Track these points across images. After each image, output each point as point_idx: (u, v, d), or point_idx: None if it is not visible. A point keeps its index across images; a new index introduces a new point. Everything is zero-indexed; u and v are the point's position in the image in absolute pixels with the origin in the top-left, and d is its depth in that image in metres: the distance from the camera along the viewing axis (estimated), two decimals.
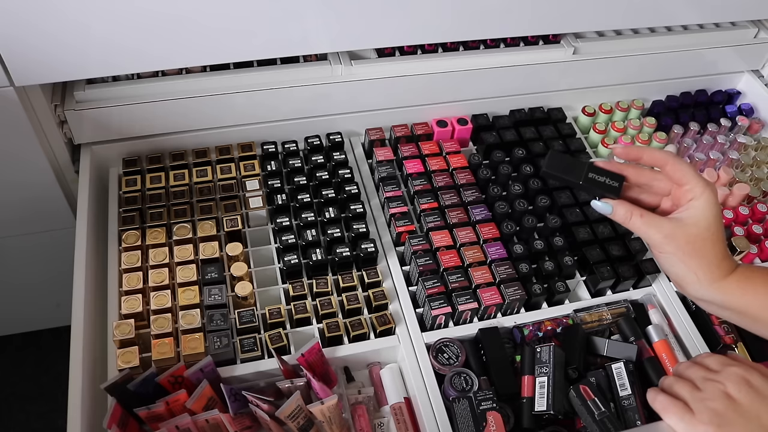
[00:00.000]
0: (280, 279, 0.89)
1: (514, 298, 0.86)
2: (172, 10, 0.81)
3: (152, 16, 0.81)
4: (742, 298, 0.69)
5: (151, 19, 0.81)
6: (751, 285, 0.69)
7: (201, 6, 0.82)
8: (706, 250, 0.68)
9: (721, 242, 0.69)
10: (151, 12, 0.80)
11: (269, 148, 1.01)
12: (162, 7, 0.80)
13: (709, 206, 0.68)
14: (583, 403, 0.76)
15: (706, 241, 0.68)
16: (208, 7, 0.82)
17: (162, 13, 0.81)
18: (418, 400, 0.79)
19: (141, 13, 0.80)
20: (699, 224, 0.68)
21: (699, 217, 0.68)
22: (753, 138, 1.16)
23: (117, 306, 0.82)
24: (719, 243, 0.69)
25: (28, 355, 1.50)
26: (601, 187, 0.71)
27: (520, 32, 1.03)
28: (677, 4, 1.05)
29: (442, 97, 1.07)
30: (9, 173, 0.95)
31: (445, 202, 0.96)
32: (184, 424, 0.72)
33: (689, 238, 0.68)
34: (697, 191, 0.68)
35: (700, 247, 0.68)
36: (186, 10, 0.82)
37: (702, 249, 0.68)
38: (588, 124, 1.15)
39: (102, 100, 0.92)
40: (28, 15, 0.76)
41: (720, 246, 0.69)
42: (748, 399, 0.63)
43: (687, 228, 0.68)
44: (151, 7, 0.80)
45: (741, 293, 0.69)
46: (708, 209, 0.68)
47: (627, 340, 0.86)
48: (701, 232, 0.68)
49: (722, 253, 0.69)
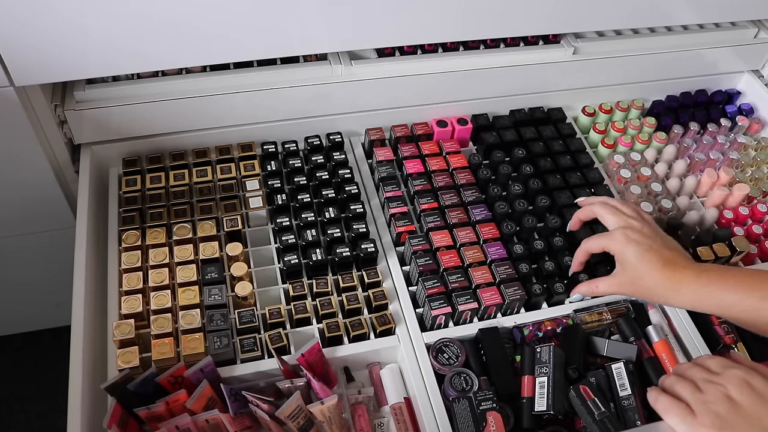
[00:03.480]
0: (280, 279, 0.89)
1: (514, 298, 0.86)
2: (172, 11, 0.81)
3: (152, 16, 0.81)
4: (701, 303, 0.76)
5: (151, 19, 0.81)
6: (705, 291, 0.75)
7: (201, 6, 0.82)
8: (649, 283, 0.77)
9: (656, 270, 0.76)
10: (151, 12, 0.80)
11: (269, 148, 1.01)
12: (162, 7, 0.80)
13: (624, 252, 0.78)
14: (583, 403, 0.76)
15: (642, 278, 0.78)
16: (207, 7, 0.82)
17: (162, 13, 0.81)
18: (418, 400, 0.79)
19: (141, 13, 0.80)
20: (628, 268, 0.79)
21: (624, 264, 0.79)
22: (753, 138, 1.16)
23: (117, 306, 0.82)
24: (654, 272, 0.76)
25: (28, 355, 1.50)
26: None
27: (520, 32, 1.03)
28: (677, 4, 1.05)
29: (442, 97, 1.07)
30: (9, 173, 0.95)
31: (445, 202, 0.96)
32: (184, 424, 0.72)
33: (632, 282, 0.79)
34: (611, 248, 0.81)
35: (644, 284, 0.78)
36: (186, 10, 0.82)
37: (645, 284, 0.78)
38: (588, 124, 1.15)
39: (102, 100, 0.92)
40: (28, 15, 0.76)
41: (656, 273, 0.76)
42: (749, 402, 0.63)
43: (624, 277, 0.79)
44: (151, 7, 0.80)
45: (698, 300, 0.76)
46: (625, 255, 0.79)
47: (627, 340, 0.86)
48: (634, 273, 0.78)
49: (664, 277, 0.76)
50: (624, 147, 1.11)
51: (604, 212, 0.84)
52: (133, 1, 0.79)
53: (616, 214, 0.83)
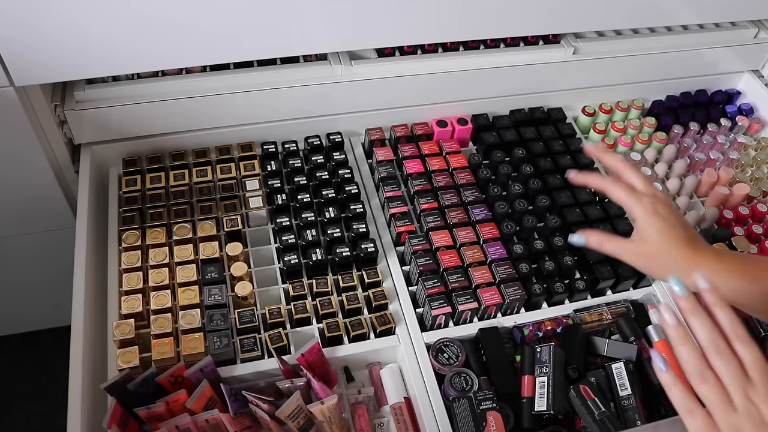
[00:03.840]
0: (280, 279, 0.89)
1: (514, 298, 0.86)
2: (172, 11, 0.81)
3: (152, 17, 0.81)
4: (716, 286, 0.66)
5: (150, 19, 0.81)
6: (722, 275, 0.68)
7: (201, 6, 0.82)
8: (668, 260, 0.71)
9: (678, 248, 0.70)
10: (151, 12, 0.80)
11: (269, 148, 1.01)
12: (162, 7, 0.80)
13: (649, 223, 0.71)
14: (583, 403, 0.76)
15: (662, 254, 0.71)
16: (207, 7, 0.82)
17: (162, 14, 0.81)
18: (418, 400, 0.79)
19: (141, 13, 0.80)
20: (650, 241, 0.71)
21: (645, 235, 0.71)
22: (753, 138, 1.16)
23: (117, 306, 0.82)
24: (676, 249, 0.70)
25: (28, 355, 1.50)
26: None
27: (520, 32, 1.03)
28: (677, 4, 1.05)
29: (442, 97, 1.07)
30: (9, 173, 0.95)
31: (445, 202, 0.96)
32: (184, 424, 0.72)
33: (650, 256, 0.72)
34: (635, 213, 0.72)
35: (661, 259, 0.71)
36: (186, 11, 0.82)
37: (663, 260, 0.71)
38: (588, 124, 1.15)
39: (102, 100, 0.92)
40: (29, 15, 0.76)
41: (678, 252, 0.70)
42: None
43: (643, 246, 0.72)
44: (150, 8, 0.80)
45: (714, 282, 0.65)
46: (649, 226, 0.71)
47: (627, 340, 0.86)
48: (654, 247, 0.71)
49: (685, 255, 0.70)
50: (624, 147, 1.11)
51: (632, 173, 0.75)
52: (132, 1, 0.79)
53: (646, 180, 0.75)
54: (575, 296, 0.90)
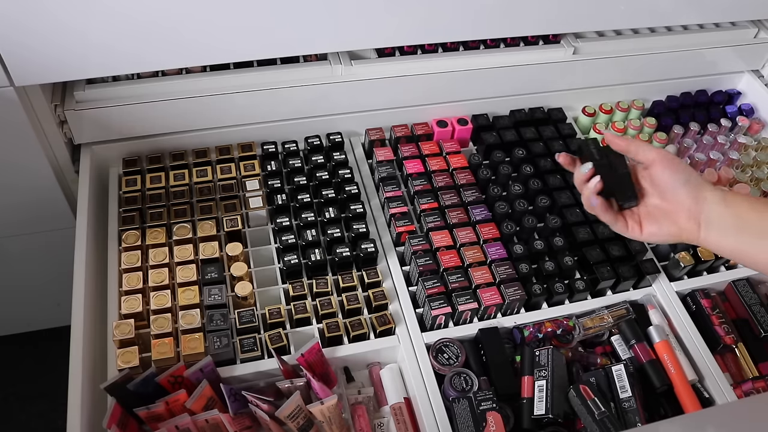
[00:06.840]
0: (280, 279, 0.89)
1: (514, 298, 0.85)
2: (172, 11, 0.81)
3: (152, 17, 0.81)
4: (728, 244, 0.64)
5: (150, 19, 0.81)
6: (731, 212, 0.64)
7: (201, 6, 0.82)
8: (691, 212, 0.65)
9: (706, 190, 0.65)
10: (150, 12, 0.80)
11: (269, 148, 1.01)
12: (162, 8, 0.80)
13: (670, 165, 0.66)
14: (583, 403, 0.76)
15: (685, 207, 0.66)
16: (207, 8, 0.82)
17: (162, 14, 0.81)
18: (418, 400, 0.79)
19: (140, 13, 0.80)
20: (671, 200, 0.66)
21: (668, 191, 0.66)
22: (753, 138, 1.16)
23: (117, 306, 0.82)
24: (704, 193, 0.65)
25: (28, 355, 1.50)
26: None
27: (520, 32, 1.03)
28: (677, 4, 1.05)
29: (442, 97, 1.07)
30: (9, 173, 0.95)
31: (445, 202, 0.96)
32: (183, 424, 0.72)
33: None
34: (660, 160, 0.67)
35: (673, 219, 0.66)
36: (186, 11, 0.82)
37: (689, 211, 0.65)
38: (588, 125, 1.15)
39: (102, 100, 0.92)
40: (29, 16, 0.76)
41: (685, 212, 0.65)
42: None
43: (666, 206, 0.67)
44: (150, 8, 0.80)
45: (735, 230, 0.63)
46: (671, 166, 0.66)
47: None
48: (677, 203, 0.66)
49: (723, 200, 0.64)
50: None
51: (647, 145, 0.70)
52: (132, 1, 0.79)
53: None
54: (575, 296, 0.90)
